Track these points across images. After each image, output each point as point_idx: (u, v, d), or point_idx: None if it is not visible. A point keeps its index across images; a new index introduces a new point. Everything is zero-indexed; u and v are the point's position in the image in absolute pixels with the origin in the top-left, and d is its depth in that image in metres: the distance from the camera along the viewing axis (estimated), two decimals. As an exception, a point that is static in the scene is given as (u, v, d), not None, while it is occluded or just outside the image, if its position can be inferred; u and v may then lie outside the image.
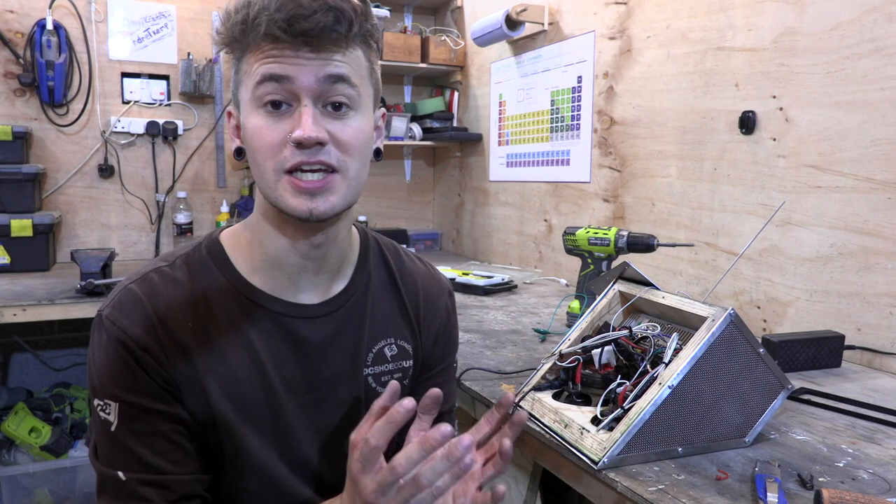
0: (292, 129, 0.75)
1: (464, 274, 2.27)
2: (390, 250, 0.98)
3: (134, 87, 2.80)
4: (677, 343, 0.96)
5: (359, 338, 0.91)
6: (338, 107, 0.77)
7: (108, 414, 0.78)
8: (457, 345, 1.06)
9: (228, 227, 0.90)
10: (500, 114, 2.78)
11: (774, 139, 1.58)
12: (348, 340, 0.90)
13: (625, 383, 0.96)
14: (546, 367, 1.11)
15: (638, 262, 1.30)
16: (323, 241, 0.84)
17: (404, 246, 1.03)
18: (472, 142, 2.99)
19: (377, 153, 0.86)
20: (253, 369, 0.83)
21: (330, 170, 0.76)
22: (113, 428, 0.78)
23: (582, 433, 0.94)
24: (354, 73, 0.77)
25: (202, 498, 0.81)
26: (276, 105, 0.75)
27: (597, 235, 1.60)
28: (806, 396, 1.18)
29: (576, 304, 1.68)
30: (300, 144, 0.74)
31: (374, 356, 0.92)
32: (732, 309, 0.91)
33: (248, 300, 0.83)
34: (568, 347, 1.08)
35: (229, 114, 0.85)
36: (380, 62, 0.85)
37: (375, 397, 0.89)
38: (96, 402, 0.79)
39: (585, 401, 1.04)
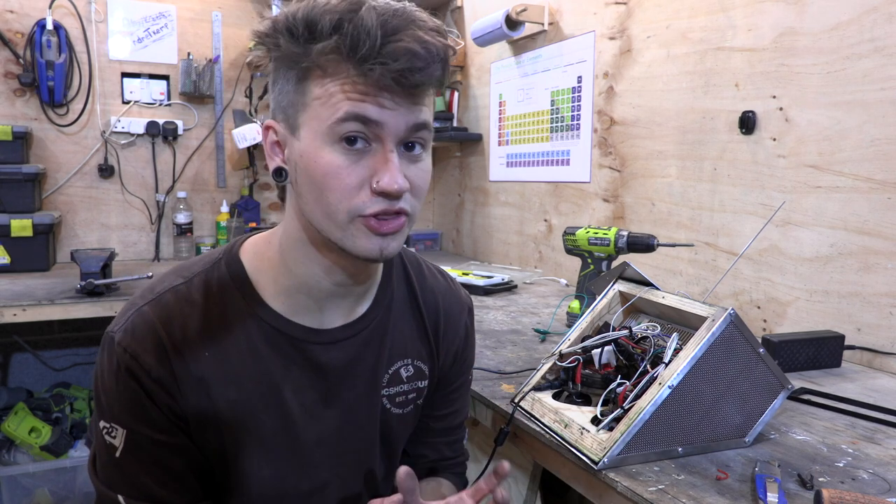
0: (372, 173, 0.70)
1: (464, 274, 2.27)
2: (413, 265, 0.95)
3: (134, 87, 2.80)
4: (677, 343, 0.96)
5: (378, 359, 0.88)
6: (411, 147, 0.73)
7: (114, 438, 0.76)
8: (473, 361, 1.04)
9: (248, 237, 0.86)
10: (500, 114, 2.78)
11: (774, 139, 1.58)
12: (368, 363, 0.87)
13: (625, 383, 0.96)
14: (546, 367, 1.11)
15: (638, 262, 1.30)
16: (360, 271, 0.81)
17: (421, 256, 1.01)
18: (472, 142, 2.99)
19: None
20: (271, 398, 0.80)
21: (404, 214, 0.73)
22: (118, 454, 0.76)
23: (582, 433, 0.93)
24: (431, 114, 0.74)
25: None
26: (351, 141, 0.70)
27: (597, 235, 1.60)
28: (806, 396, 1.18)
29: (576, 304, 1.68)
30: (386, 194, 0.70)
31: (389, 377, 0.89)
32: (732, 309, 0.91)
33: (269, 326, 0.80)
34: (568, 347, 1.08)
35: (268, 127, 0.76)
36: None
37: (389, 419, 0.90)
38: (102, 423, 0.77)
39: (585, 401, 1.04)
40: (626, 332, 1.03)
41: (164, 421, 0.76)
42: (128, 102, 2.80)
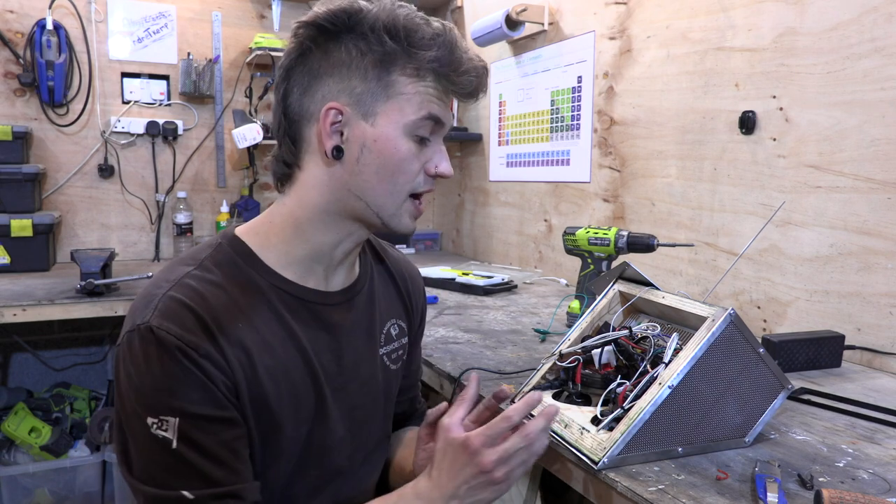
0: (428, 160, 0.87)
1: (464, 274, 2.27)
2: (376, 242, 1.08)
3: (134, 87, 2.80)
4: (677, 343, 0.96)
5: (373, 320, 0.97)
6: None
7: (166, 431, 0.74)
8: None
9: (237, 226, 0.91)
10: (500, 114, 2.78)
11: (774, 139, 1.58)
12: (365, 323, 0.96)
13: (625, 383, 0.96)
14: (546, 367, 1.11)
15: (638, 262, 1.30)
16: (362, 242, 0.93)
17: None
18: (472, 142, 2.99)
19: None
20: (299, 358, 0.86)
21: None
22: (173, 445, 0.74)
23: (582, 433, 0.93)
24: None
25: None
26: (423, 136, 0.85)
27: (597, 235, 1.60)
28: (806, 396, 1.18)
29: (576, 304, 1.68)
30: (442, 176, 0.88)
31: (384, 336, 1.00)
32: (732, 309, 0.91)
33: (285, 293, 0.86)
34: (568, 347, 1.08)
35: (334, 109, 0.81)
36: None
37: (390, 375, 1.01)
38: (150, 420, 0.74)
39: (585, 401, 1.04)
40: (626, 332, 1.03)
41: (218, 396, 0.76)
42: (128, 102, 2.80)
